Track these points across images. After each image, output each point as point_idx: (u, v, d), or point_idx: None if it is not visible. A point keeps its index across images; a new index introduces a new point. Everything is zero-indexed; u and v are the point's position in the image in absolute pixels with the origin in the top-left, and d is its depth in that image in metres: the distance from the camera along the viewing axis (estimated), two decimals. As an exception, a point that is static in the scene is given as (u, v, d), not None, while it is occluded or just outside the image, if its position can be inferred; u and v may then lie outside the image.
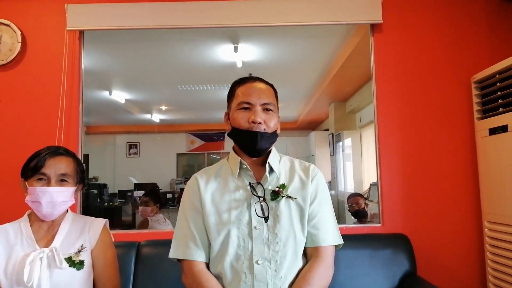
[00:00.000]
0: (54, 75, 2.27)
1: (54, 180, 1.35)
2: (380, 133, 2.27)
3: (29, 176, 1.35)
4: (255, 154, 1.31)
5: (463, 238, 2.19)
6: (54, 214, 1.37)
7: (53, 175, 1.35)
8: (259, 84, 1.33)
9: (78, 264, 1.34)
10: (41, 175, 1.34)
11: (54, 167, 1.35)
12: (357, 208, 3.05)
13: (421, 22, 2.31)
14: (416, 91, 2.28)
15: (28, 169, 1.36)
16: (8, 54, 2.27)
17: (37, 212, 1.36)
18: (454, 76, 2.27)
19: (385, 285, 1.93)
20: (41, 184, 1.34)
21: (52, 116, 2.24)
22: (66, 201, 1.38)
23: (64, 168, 1.37)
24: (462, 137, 2.24)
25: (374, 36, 2.32)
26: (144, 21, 2.29)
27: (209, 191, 1.32)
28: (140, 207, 3.13)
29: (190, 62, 3.47)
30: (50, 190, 1.33)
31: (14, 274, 1.29)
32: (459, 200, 2.22)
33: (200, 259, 1.26)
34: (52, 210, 1.35)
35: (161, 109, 5.15)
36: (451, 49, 2.29)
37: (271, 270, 1.21)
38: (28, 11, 2.32)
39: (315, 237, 1.28)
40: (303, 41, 3.11)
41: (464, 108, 2.25)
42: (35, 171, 1.34)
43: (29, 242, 1.35)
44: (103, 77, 3.85)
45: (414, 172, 2.24)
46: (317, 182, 1.34)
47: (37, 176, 1.34)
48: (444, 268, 2.16)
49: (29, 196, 1.34)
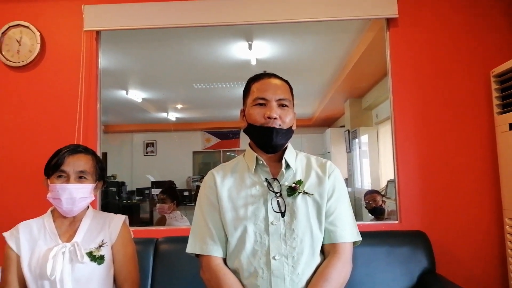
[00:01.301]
0: (72, 75, 2.32)
1: (73, 177, 1.38)
2: (397, 129, 2.24)
3: (50, 174, 1.39)
4: (271, 150, 1.31)
5: (483, 235, 2.15)
6: (74, 210, 1.40)
7: (72, 172, 1.38)
8: (274, 80, 1.33)
9: (99, 258, 1.38)
10: (60, 172, 1.38)
11: (73, 165, 1.39)
12: (374, 205, 3.02)
13: (438, 15, 2.27)
14: (433, 86, 2.24)
15: (49, 167, 1.40)
16: (28, 55, 2.33)
17: (58, 209, 1.40)
18: (473, 70, 2.22)
19: (403, 282, 1.90)
20: (60, 181, 1.37)
21: (71, 116, 2.29)
22: (85, 198, 1.41)
23: (82, 165, 1.41)
24: (482, 132, 2.19)
25: (389, 31, 2.29)
26: (159, 20, 2.31)
27: (225, 187, 1.32)
28: (158, 204, 3.17)
29: (204, 60, 3.49)
30: (69, 187, 1.37)
31: (37, 268, 1.33)
32: (479, 197, 2.17)
33: (217, 254, 1.27)
34: (72, 206, 1.38)
35: (177, 108, 5.19)
36: (469, 43, 2.24)
37: (288, 266, 1.22)
38: (46, 13, 2.37)
39: (332, 234, 1.27)
40: (318, 37, 3.09)
41: (483, 103, 2.20)
42: (55, 168, 1.38)
43: (52, 237, 1.39)
44: (119, 77, 3.91)
45: (432, 168, 2.20)
46: (334, 179, 1.33)
47: (57, 174, 1.38)
48: (463, 266, 2.12)
49: (50, 193, 1.39)
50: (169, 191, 3.41)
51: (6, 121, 2.33)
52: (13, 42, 2.33)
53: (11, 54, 2.33)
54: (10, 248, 1.37)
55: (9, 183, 2.29)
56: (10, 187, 2.28)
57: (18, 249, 1.37)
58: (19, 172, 2.28)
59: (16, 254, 1.37)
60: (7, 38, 2.34)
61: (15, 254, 1.37)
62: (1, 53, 2.32)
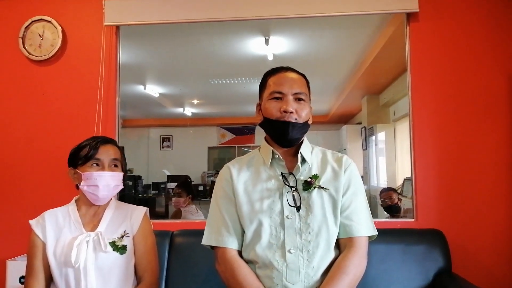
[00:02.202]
0: (92, 69, 2.36)
1: (107, 165, 1.43)
2: (415, 127, 2.20)
3: (81, 163, 1.42)
4: (286, 144, 1.31)
5: (502, 235, 2.10)
6: (108, 197, 1.45)
7: (106, 161, 1.42)
8: (291, 74, 1.33)
9: (121, 248, 1.41)
10: (96, 160, 1.41)
11: (107, 153, 1.43)
12: (390, 203, 2.99)
13: (460, 10, 2.22)
14: (453, 83, 2.19)
15: (79, 157, 1.43)
16: (49, 49, 2.38)
17: (92, 196, 1.42)
18: (494, 68, 2.17)
19: (419, 281, 1.88)
20: (96, 169, 1.41)
21: (91, 109, 2.34)
22: (118, 185, 1.46)
23: (114, 154, 1.45)
24: (503, 131, 2.14)
25: (409, 26, 2.25)
26: (176, 15, 2.33)
27: (241, 180, 1.33)
28: (174, 198, 3.20)
29: (221, 55, 3.50)
30: (105, 174, 1.41)
31: (62, 256, 1.37)
32: (497, 196, 2.12)
33: (232, 246, 1.29)
34: (108, 193, 1.43)
35: (193, 103, 5.23)
36: (491, 40, 2.18)
37: (304, 260, 1.22)
38: (68, 8, 2.42)
39: (348, 228, 1.27)
40: (335, 32, 3.06)
41: (503, 102, 2.15)
42: (89, 158, 1.41)
43: (76, 225, 1.43)
44: (137, 71, 3.95)
45: (451, 166, 2.16)
46: (350, 173, 1.33)
47: (92, 162, 1.41)
48: (481, 266, 2.09)
49: (85, 181, 1.40)
50: (185, 185, 3.44)
51: (29, 114, 2.39)
52: (36, 37, 2.39)
53: (33, 48, 2.39)
54: (36, 236, 1.41)
55: (33, 173, 2.35)
56: (33, 177, 2.35)
57: (44, 237, 1.40)
58: (42, 162, 2.35)
59: (42, 241, 1.40)
60: (30, 33, 2.39)
61: (41, 242, 1.40)
62: (24, 47, 2.38)
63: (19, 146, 2.38)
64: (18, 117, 2.39)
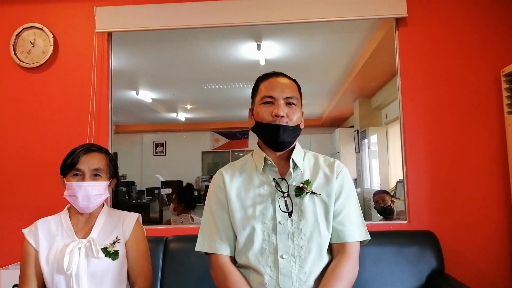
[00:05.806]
0: (84, 76, 2.36)
1: (88, 175, 1.43)
2: (406, 129, 2.23)
3: (66, 172, 1.44)
4: (278, 147, 1.32)
5: (493, 236, 2.13)
6: (90, 207, 1.44)
7: (87, 170, 1.43)
8: (282, 79, 1.35)
9: (113, 254, 1.42)
10: (76, 170, 1.43)
11: (88, 163, 1.43)
12: (383, 205, 3.01)
13: (447, 14, 2.25)
14: (442, 85, 2.23)
15: (65, 166, 1.45)
16: (41, 57, 2.37)
17: (75, 206, 1.45)
18: (483, 69, 2.20)
19: (412, 282, 1.90)
20: (76, 180, 1.42)
21: (83, 116, 2.33)
22: (100, 195, 1.45)
23: (97, 163, 1.45)
24: (492, 133, 2.18)
25: (398, 30, 2.28)
26: (168, 21, 2.34)
27: (234, 186, 1.34)
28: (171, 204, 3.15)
29: (214, 61, 3.51)
30: (85, 185, 1.41)
31: (55, 262, 1.38)
32: (489, 197, 2.15)
33: (224, 252, 1.30)
34: (88, 203, 1.43)
35: (186, 108, 5.23)
36: (479, 42, 2.22)
37: (296, 265, 1.23)
38: (59, 15, 2.42)
39: (341, 233, 1.28)
40: (327, 37, 3.08)
41: (493, 103, 2.18)
42: (71, 167, 1.43)
43: (68, 233, 1.44)
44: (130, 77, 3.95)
45: (441, 168, 2.19)
46: (342, 178, 1.34)
47: (73, 172, 1.43)
48: (473, 266, 2.11)
49: (67, 191, 1.43)
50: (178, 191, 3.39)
51: (21, 121, 2.38)
52: (27, 44, 2.38)
53: (24, 56, 2.38)
54: (29, 244, 1.42)
55: (26, 181, 2.33)
56: (26, 185, 2.33)
57: (36, 245, 1.42)
58: (34, 170, 2.33)
59: (34, 249, 1.42)
60: (21, 40, 2.39)
61: (33, 250, 1.42)
62: (15, 55, 2.37)
63: (11, 154, 2.36)
64: (10, 124, 2.38)
